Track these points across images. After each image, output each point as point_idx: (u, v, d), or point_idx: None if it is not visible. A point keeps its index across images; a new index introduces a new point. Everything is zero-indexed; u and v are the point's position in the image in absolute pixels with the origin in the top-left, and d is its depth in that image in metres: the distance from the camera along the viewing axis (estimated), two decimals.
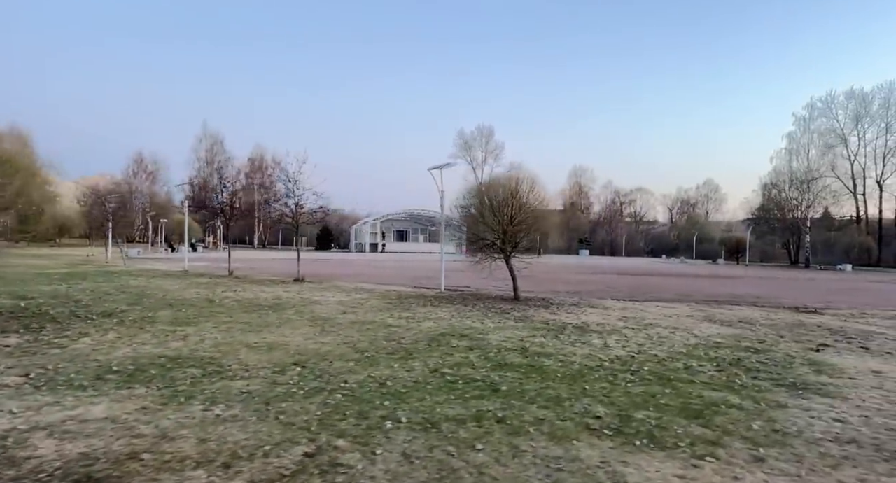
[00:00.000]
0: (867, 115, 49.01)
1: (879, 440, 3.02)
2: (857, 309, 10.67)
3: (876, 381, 4.48)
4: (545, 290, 13.39)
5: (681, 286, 16.64)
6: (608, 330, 6.79)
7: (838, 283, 20.60)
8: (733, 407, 3.56)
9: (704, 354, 5.38)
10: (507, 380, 4.00)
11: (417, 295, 11.20)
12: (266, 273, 18.11)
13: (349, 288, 12.62)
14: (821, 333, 7.14)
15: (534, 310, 8.87)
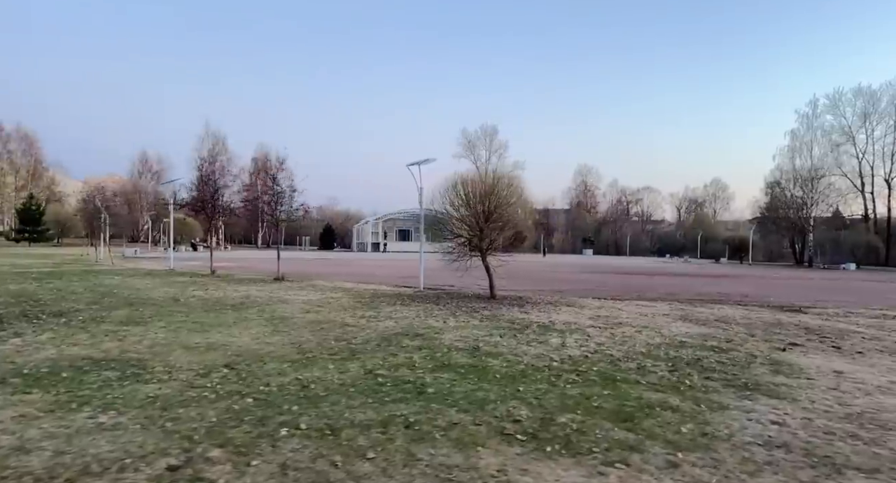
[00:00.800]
0: (875, 113, 48.31)
1: (812, 445, 2.90)
2: (843, 308, 10.54)
3: (833, 382, 4.36)
4: (531, 289, 13.28)
5: (672, 285, 16.52)
6: (572, 329, 6.67)
7: (835, 282, 20.47)
8: (669, 409, 3.44)
9: (664, 354, 5.26)
10: (440, 381, 3.89)
11: (394, 294, 11.09)
12: (252, 272, 18.03)
13: (327, 287, 12.51)
14: (796, 332, 7.02)
15: (506, 308, 8.75)
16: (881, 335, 7.00)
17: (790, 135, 52.24)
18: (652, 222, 76.92)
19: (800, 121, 51.52)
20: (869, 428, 3.24)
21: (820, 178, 45.77)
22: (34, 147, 63.81)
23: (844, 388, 4.17)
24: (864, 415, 3.50)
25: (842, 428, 3.21)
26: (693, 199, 76.09)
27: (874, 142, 48.51)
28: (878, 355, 5.63)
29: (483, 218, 10.33)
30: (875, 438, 3.05)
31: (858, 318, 8.71)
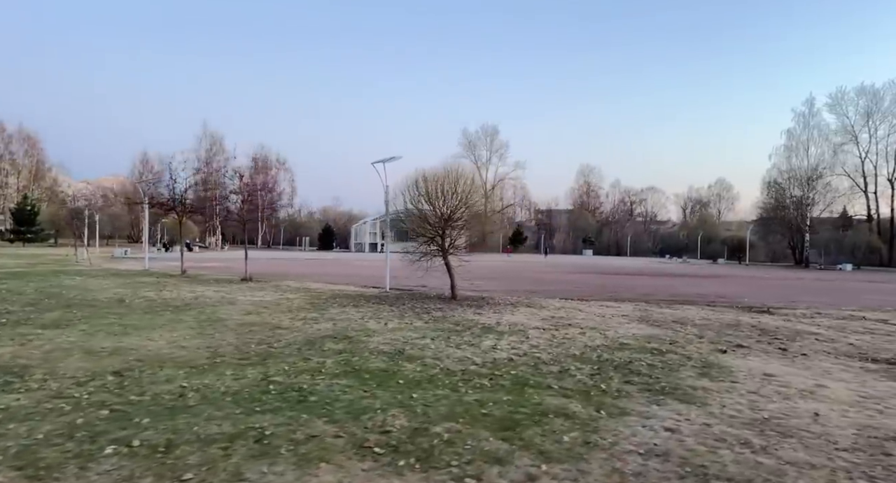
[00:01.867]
0: (878, 112, 48.12)
1: (694, 453, 2.78)
2: (814, 308, 10.49)
3: (756, 386, 4.26)
4: (505, 289, 13.18)
5: (653, 286, 16.46)
6: (515, 330, 6.55)
7: (824, 283, 20.49)
8: (563, 416, 3.32)
9: (596, 357, 5.14)
10: (333, 389, 3.74)
11: (356, 295, 10.94)
12: (226, 272, 17.85)
13: (290, 288, 12.35)
14: (749, 334, 6.93)
15: (461, 309, 8.62)
16: (837, 337, 6.92)
17: (786, 134, 52.37)
18: (656, 223, 77.17)
19: (796, 120, 51.53)
20: (768, 435, 3.13)
21: (817, 178, 45.81)
22: (36, 148, 63.92)
23: (765, 392, 4.07)
24: (769, 420, 3.39)
25: (738, 435, 3.10)
26: (697, 199, 76.42)
27: (877, 141, 48.43)
28: (822, 357, 5.55)
29: (444, 216, 10.20)
30: (766, 446, 2.94)
31: (824, 319, 8.64)
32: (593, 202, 78.48)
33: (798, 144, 51.46)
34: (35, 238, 50.92)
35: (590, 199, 78.34)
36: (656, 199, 78.81)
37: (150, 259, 23.97)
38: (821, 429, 3.29)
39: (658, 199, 78.81)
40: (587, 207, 76.76)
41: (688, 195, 76.78)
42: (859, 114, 49.03)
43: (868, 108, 48.69)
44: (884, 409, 3.74)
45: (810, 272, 31.76)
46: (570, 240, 71.40)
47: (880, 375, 4.78)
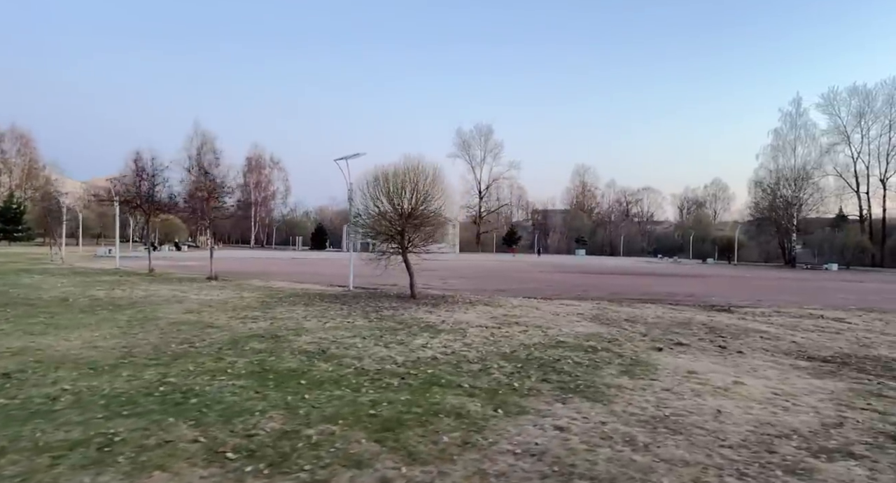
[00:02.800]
0: (870, 112, 48.64)
1: (571, 452, 2.71)
2: (776, 307, 10.57)
3: (673, 383, 4.21)
4: (475, 288, 13.15)
5: (627, 285, 16.51)
6: (456, 329, 6.47)
7: (799, 283, 20.72)
8: (456, 415, 3.24)
9: (526, 355, 5.09)
10: (223, 390, 3.62)
11: (313, 294, 10.77)
12: (197, 272, 17.63)
13: (251, 286, 12.18)
14: (695, 332, 6.93)
15: (415, 308, 8.53)
16: (784, 335, 6.95)
17: (773, 134, 52.82)
18: (653, 223, 77.71)
19: (783, 120, 52.05)
20: (658, 432, 3.07)
21: (804, 178, 46.24)
22: (29, 147, 63.08)
23: (678, 390, 4.03)
24: (668, 418, 3.35)
25: (628, 432, 3.05)
26: (693, 199, 76.99)
27: (869, 141, 48.92)
28: (757, 355, 5.54)
29: (404, 214, 10.09)
30: (650, 444, 2.88)
31: (780, 318, 8.68)
32: (589, 202, 78.91)
33: (785, 144, 52.00)
34: (23, 237, 50.72)
35: (585, 200, 78.78)
36: (653, 199, 79.67)
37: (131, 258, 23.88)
38: (716, 426, 3.25)
39: (654, 199, 79.69)
40: (582, 208, 77.18)
41: (684, 195, 77.60)
42: (851, 114, 49.57)
43: (860, 108, 49.24)
44: (791, 406, 3.72)
45: (795, 272, 32.11)
46: (564, 240, 71.73)
47: (806, 373, 4.78)
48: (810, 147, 50.48)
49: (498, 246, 67.75)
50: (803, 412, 3.59)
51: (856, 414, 3.59)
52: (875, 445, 3.01)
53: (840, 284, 19.97)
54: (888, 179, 48.17)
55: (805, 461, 2.76)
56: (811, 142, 50.63)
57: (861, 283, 21.66)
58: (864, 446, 2.99)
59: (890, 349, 6.08)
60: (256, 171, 70.01)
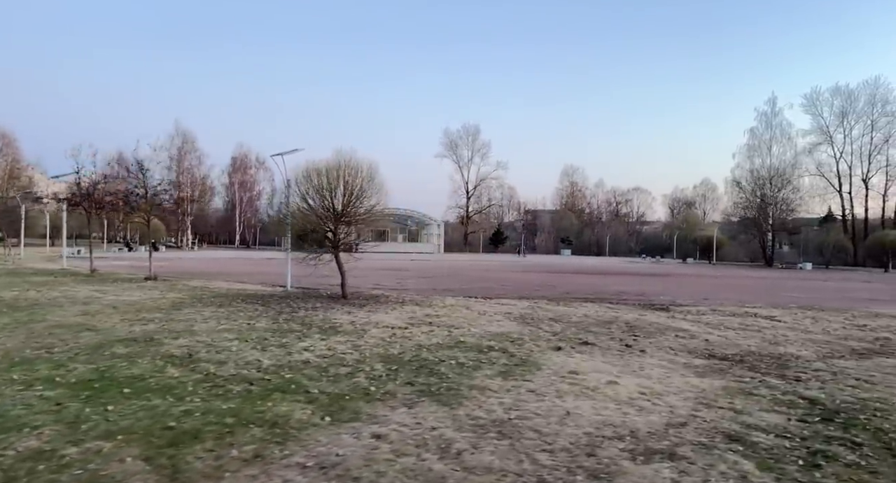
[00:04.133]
0: (853, 112, 49.37)
1: (368, 462, 2.55)
2: (715, 305, 10.69)
3: (543, 384, 4.08)
4: (425, 288, 12.99)
5: (586, 284, 16.57)
6: (358, 330, 6.28)
7: (761, 281, 21.15)
8: (270, 425, 3.04)
9: (411, 357, 4.93)
10: (19, 401, 3.37)
11: (243, 294, 10.43)
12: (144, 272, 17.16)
13: (184, 287, 11.79)
14: (611, 331, 6.89)
15: (335, 309, 8.30)
16: (702, 333, 6.96)
17: (749, 133, 53.89)
18: (642, 223, 78.60)
19: (759, 119, 53.07)
20: (485, 438, 2.94)
21: (779, 176, 47.29)
22: (11, 146, 60.76)
23: (544, 391, 3.92)
24: (510, 422, 3.22)
25: (452, 438, 2.91)
26: (682, 199, 78.17)
27: (852, 141, 49.51)
28: (657, 354, 5.51)
29: (336, 211, 9.86)
30: (464, 451, 2.74)
31: (710, 316, 8.73)
32: (579, 203, 79.54)
33: (761, 144, 53.01)
34: None
35: (575, 200, 79.38)
36: (643, 199, 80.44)
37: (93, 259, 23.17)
38: (555, 429, 3.14)
39: (644, 199, 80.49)
40: (572, 208, 77.81)
41: (673, 195, 78.85)
42: (834, 114, 50.15)
43: (843, 108, 49.80)
44: (650, 406, 3.64)
45: (769, 271, 32.69)
46: (552, 240, 72.25)
47: (693, 372, 4.75)
48: (786, 146, 51.62)
49: (485, 246, 67.93)
50: (657, 412, 3.52)
51: (710, 413, 3.53)
52: (704, 446, 2.94)
53: (802, 283, 20.42)
54: (870, 179, 49.37)
55: (618, 464, 2.66)
56: (787, 141, 51.83)
57: (824, 281, 22.18)
58: (693, 447, 2.92)
59: (798, 347, 6.13)
60: (241, 170, 69.68)
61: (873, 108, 48.68)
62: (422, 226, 62.43)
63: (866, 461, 2.82)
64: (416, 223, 62.38)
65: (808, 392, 4.15)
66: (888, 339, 6.87)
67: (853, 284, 20.23)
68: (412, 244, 60.27)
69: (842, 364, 5.28)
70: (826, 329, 7.62)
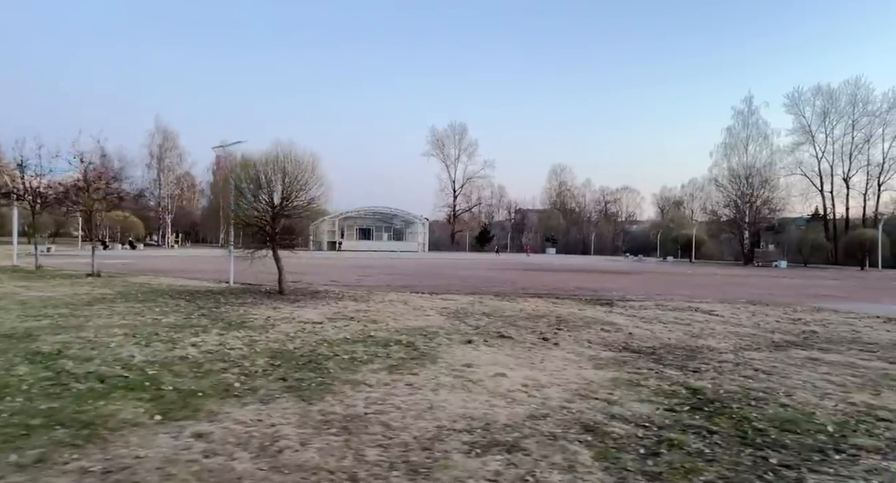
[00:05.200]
0: (834, 112, 49.96)
1: (165, 464, 2.35)
2: (662, 300, 10.79)
3: (426, 378, 3.95)
4: (380, 284, 12.82)
5: (546, 281, 16.59)
6: (266, 325, 6.09)
7: (724, 278, 21.49)
8: (85, 425, 2.80)
9: (305, 352, 4.75)
10: None
11: (179, 290, 10.08)
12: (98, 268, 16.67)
13: (124, 283, 11.46)
14: (536, 324, 6.84)
15: (264, 305, 8.06)
16: (629, 327, 6.96)
17: (726, 132, 54.85)
18: (631, 222, 79.37)
19: (735, 117, 54.00)
20: (325, 433, 2.79)
21: (755, 175, 48.22)
22: None
23: (422, 384, 3.80)
24: (362, 416, 3.08)
25: (285, 435, 2.74)
26: (670, 198, 79.15)
27: (833, 141, 50.06)
28: (571, 346, 5.45)
29: (274, 205, 9.64)
30: (289, 448, 2.59)
31: (649, 311, 8.75)
32: (569, 202, 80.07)
33: (737, 142, 54.13)
34: None
35: (564, 199, 79.77)
36: (631, 198, 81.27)
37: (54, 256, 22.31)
38: (408, 423, 3.01)
39: (633, 198, 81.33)
40: (562, 207, 78.30)
41: (661, 195, 79.91)
42: (816, 114, 50.58)
43: (825, 108, 50.23)
44: (525, 398, 3.55)
45: (743, 269, 33.11)
46: (539, 239, 72.74)
47: (594, 364, 4.70)
48: (762, 145, 52.76)
49: (472, 245, 68.06)
50: (527, 404, 3.44)
51: (581, 404, 3.47)
52: (553, 437, 2.86)
53: (768, 280, 20.79)
54: (851, 178, 50.05)
55: (448, 458, 2.55)
56: (763, 140, 52.95)
57: (791, 279, 22.60)
58: (539, 439, 2.83)
59: (719, 340, 6.16)
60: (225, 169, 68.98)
61: (854, 108, 49.49)
62: (407, 224, 62.22)
63: (711, 449, 2.78)
64: (402, 222, 62.18)
65: (697, 382, 4.14)
66: (814, 332, 6.99)
67: (818, 281, 20.66)
68: (397, 243, 60.23)
69: (752, 355, 5.32)
70: (758, 322, 7.72)
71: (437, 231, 74.02)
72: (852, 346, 6.02)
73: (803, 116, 51.39)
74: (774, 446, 2.85)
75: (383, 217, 61.90)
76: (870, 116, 48.74)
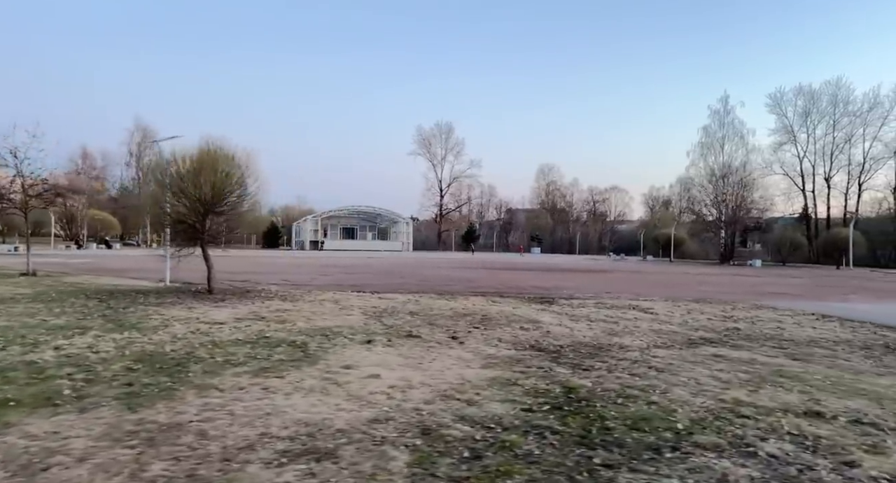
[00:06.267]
0: (816, 112, 50.88)
1: None
2: (608, 298, 10.83)
3: (294, 379, 3.75)
4: (334, 283, 12.57)
5: (506, 280, 16.55)
6: (161, 326, 5.81)
7: (684, 277, 21.61)
8: None
9: (184, 354, 4.50)
10: None
11: (102, 290, 9.63)
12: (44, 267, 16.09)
13: (49, 283, 10.98)
14: (457, 323, 6.72)
15: (182, 304, 7.71)
16: (551, 324, 6.90)
17: (703, 131, 55.70)
18: (620, 222, 79.87)
19: (712, 117, 54.89)
20: (121, 445, 2.55)
21: (730, 174, 49.05)
22: None
23: (281, 388, 3.58)
24: (182, 426, 2.87)
25: (70, 450, 2.48)
26: (658, 198, 80.00)
27: (815, 141, 51.00)
28: (472, 345, 5.31)
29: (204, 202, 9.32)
30: (59, 464, 2.34)
31: (585, 309, 8.71)
32: (558, 201, 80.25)
33: (714, 142, 55.05)
34: None
35: (552, 198, 80.00)
36: (620, 198, 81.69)
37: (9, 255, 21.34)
38: (230, 431, 2.79)
39: (622, 198, 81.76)
40: (547, 206, 78.59)
41: (650, 194, 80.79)
42: (797, 114, 51.49)
43: (806, 108, 51.11)
44: (387, 399, 3.39)
45: (716, 268, 33.25)
46: (525, 238, 73.07)
47: (488, 363, 4.56)
48: (738, 145, 53.62)
49: (458, 244, 68.08)
50: (380, 407, 3.27)
51: (438, 406, 3.33)
52: (380, 442, 2.70)
53: (730, 279, 21.08)
54: (832, 178, 50.96)
55: (242, 470, 2.35)
56: (739, 140, 53.83)
57: (754, 277, 22.89)
58: (364, 444, 2.66)
59: (635, 338, 6.10)
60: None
61: (835, 108, 50.37)
62: (391, 224, 61.89)
63: (541, 451, 2.67)
64: (386, 221, 61.85)
65: (578, 381, 4.06)
66: (737, 330, 7.03)
67: (782, 280, 20.88)
68: (381, 242, 60.04)
69: (658, 353, 5.28)
70: (687, 320, 7.74)
71: (424, 230, 73.91)
72: (766, 343, 6.07)
73: (785, 116, 52.51)
74: (610, 446, 2.76)
75: (367, 216, 61.55)
76: (850, 116, 49.73)
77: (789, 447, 2.82)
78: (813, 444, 2.89)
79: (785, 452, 2.75)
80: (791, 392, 3.91)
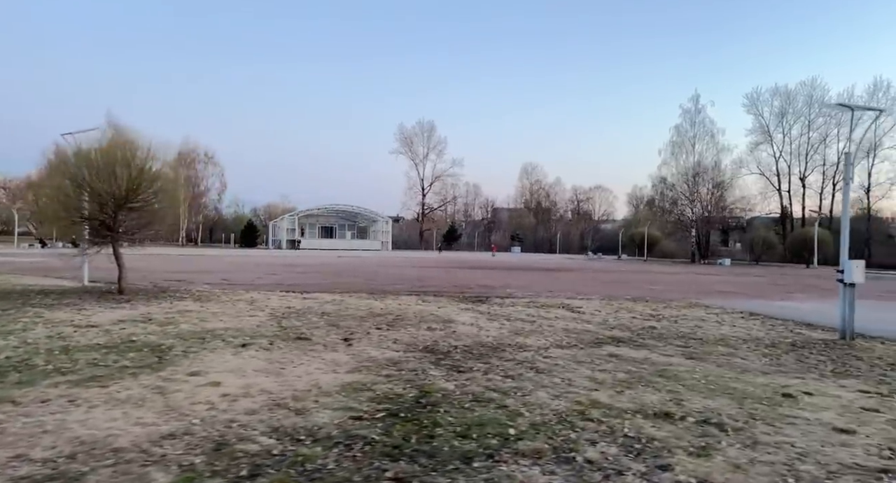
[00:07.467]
0: (792, 112, 51.52)
1: None
2: (544, 297, 10.76)
3: (109, 391, 3.47)
4: (279, 283, 12.08)
5: (458, 279, 16.32)
6: (16, 330, 5.37)
7: (639, 275, 21.88)
8: None
9: (22, 360, 4.08)
10: None
11: (13, 291, 9.06)
12: None
13: None
14: (370, 322, 6.46)
15: (76, 305, 7.16)
16: (464, 324, 6.71)
17: (674, 130, 56.55)
18: (605, 221, 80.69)
19: (683, 116, 55.73)
20: None
21: (703, 173, 49.88)
22: None
23: (91, 398, 3.23)
24: None
25: None
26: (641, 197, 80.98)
27: (791, 141, 51.67)
28: (361, 347, 5.04)
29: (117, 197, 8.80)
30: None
31: (511, 308, 8.57)
32: (543, 201, 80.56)
33: (685, 141, 55.94)
34: None
35: (537, 198, 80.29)
36: (604, 197, 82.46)
37: None
38: None
39: (606, 197, 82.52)
40: (531, 205, 78.90)
41: (633, 194, 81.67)
42: (774, 114, 51.99)
43: (782, 108, 51.65)
44: (207, 410, 3.07)
45: (682, 267, 33.14)
46: (506, 238, 73.20)
47: (354, 368, 4.28)
48: (709, 144, 54.47)
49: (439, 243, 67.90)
50: (190, 419, 2.92)
51: (260, 416, 3.00)
52: (152, 463, 2.42)
53: (685, 277, 21.39)
54: (807, 178, 51.82)
55: None
56: (709, 139, 54.63)
57: (712, 276, 23.34)
58: (128, 466, 2.34)
59: (540, 338, 5.94)
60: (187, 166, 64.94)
61: (810, 109, 50.75)
62: (370, 223, 61.15)
63: (337, 464, 2.44)
64: (366, 220, 61.11)
65: (443, 384, 3.82)
66: (652, 328, 6.97)
67: (736, 278, 21.18)
68: (360, 241, 59.24)
69: (553, 353, 5.12)
70: (607, 319, 7.66)
71: (406, 229, 73.36)
72: (673, 342, 6.01)
73: (762, 116, 53.10)
74: (418, 457, 2.54)
75: (347, 215, 60.69)
76: (825, 117, 50.10)
77: (614, 451, 2.67)
78: (642, 446, 2.74)
79: (605, 457, 2.60)
80: (658, 392, 3.79)
